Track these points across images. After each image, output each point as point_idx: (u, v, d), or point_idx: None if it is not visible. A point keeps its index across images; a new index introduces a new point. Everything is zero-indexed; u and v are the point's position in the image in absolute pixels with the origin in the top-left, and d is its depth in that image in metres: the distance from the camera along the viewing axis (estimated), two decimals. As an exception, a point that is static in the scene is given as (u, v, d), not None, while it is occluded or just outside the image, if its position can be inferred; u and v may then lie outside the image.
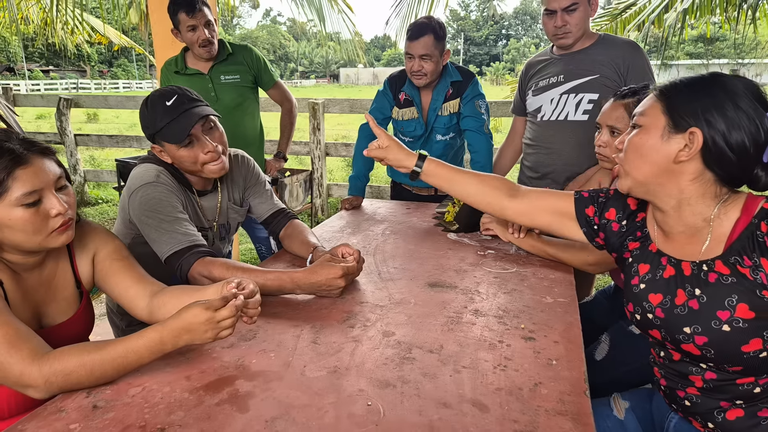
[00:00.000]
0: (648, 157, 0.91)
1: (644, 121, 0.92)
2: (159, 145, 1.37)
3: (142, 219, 1.30)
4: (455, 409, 0.82)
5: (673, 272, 0.94)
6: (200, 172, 1.39)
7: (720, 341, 0.86)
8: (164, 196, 1.32)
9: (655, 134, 0.90)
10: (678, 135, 0.87)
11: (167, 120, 1.32)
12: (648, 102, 0.93)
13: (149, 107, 1.34)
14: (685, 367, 0.95)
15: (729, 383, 0.91)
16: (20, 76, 35.15)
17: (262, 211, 1.63)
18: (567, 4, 1.87)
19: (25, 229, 0.93)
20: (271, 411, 0.81)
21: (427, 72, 2.02)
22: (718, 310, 0.86)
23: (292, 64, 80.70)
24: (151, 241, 1.30)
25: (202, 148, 1.35)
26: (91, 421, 0.79)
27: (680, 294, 0.91)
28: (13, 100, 5.57)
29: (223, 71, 2.42)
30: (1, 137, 0.92)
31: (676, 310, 0.91)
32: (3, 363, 0.84)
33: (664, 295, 0.94)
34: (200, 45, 2.30)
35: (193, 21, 2.25)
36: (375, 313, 1.17)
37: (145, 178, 1.34)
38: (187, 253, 1.27)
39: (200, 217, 1.48)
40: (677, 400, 0.99)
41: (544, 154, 2.07)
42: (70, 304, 1.10)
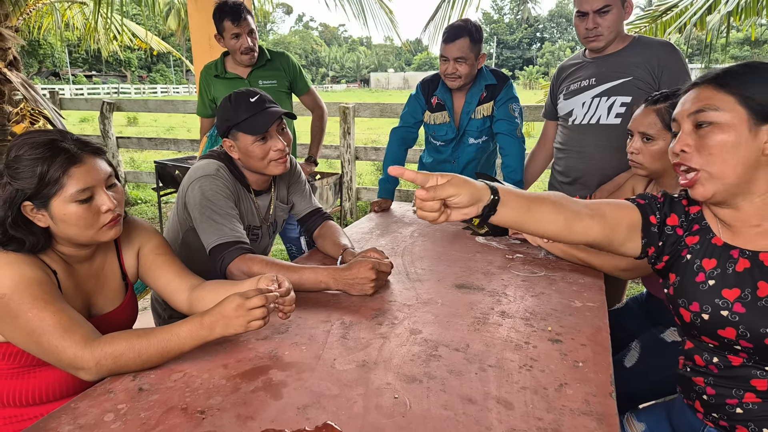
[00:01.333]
0: (738, 154, 0.85)
1: (716, 117, 0.86)
2: (232, 138, 1.44)
3: (197, 208, 1.39)
4: (480, 405, 0.84)
5: (748, 265, 0.88)
6: (264, 168, 1.46)
7: None
8: (220, 190, 1.40)
9: (739, 130, 0.84)
10: (764, 125, 0.83)
11: (250, 113, 1.40)
12: (709, 95, 0.87)
13: (233, 102, 1.42)
14: (747, 371, 0.90)
15: None
16: (65, 80, 36.80)
17: (301, 209, 1.71)
18: (599, 6, 1.85)
19: (78, 223, 1.00)
20: (303, 399, 0.85)
21: (462, 75, 2.03)
22: None
23: (324, 69, 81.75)
24: (201, 231, 1.38)
25: (273, 145, 1.43)
26: (137, 402, 0.85)
27: (762, 286, 0.85)
28: (60, 103, 5.86)
29: (262, 76, 2.53)
30: (57, 137, 0.99)
31: (761, 302, 0.85)
32: (57, 347, 0.90)
33: (742, 289, 0.87)
34: (242, 52, 2.41)
35: (237, 29, 2.36)
36: (403, 312, 1.20)
37: (206, 170, 1.42)
38: (231, 247, 1.34)
39: (255, 215, 1.56)
40: (725, 409, 0.94)
41: (575, 158, 2.05)
42: (117, 295, 1.17)
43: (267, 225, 1.63)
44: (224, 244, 1.34)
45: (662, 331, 1.42)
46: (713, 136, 0.87)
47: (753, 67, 0.86)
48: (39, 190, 0.96)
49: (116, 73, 42.92)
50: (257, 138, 1.41)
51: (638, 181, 1.66)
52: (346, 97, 33.01)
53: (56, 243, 1.04)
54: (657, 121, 1.41)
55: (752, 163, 0.85)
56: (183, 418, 0.80)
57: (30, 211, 0.97)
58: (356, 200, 4.84)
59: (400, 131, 2.28)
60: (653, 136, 1.42)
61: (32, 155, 0.95)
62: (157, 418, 0.80)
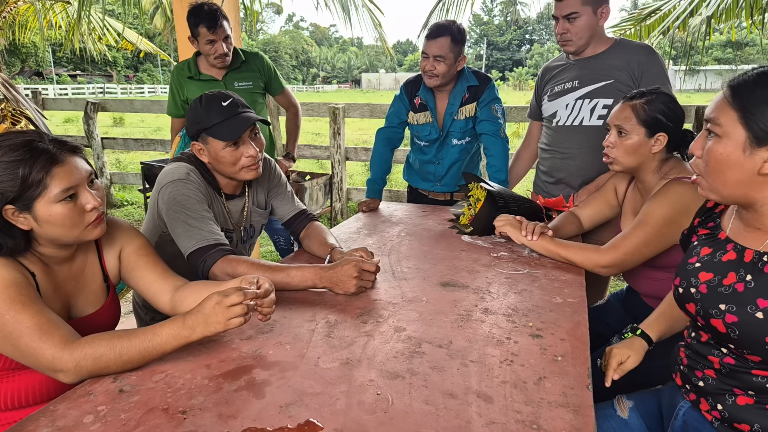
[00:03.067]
0: (733, 172, 0.88)
1: (720, 130, 0.88)
2: (202, 142, 1.41)
3: (169, 214, 1.36)
4: (461, 399, 0.85)
5: (734, 257, 0.95)
6: (235, 174, 1.43)
7: (748, 325, 0.88)
8: (193, 194, 1.37)
9: (735, 148, 0.86)
10: (761, 149, 0.84)
11: (222, 118, 1.36)
12: (720, 106, 0.88)
13: (203, 104, 1.38)
14: (707, 349, 0.98)
15: (744, 371, 0.92)
16: (48, 80, 36.27)
17: (284, 213, 1.68)
18: (567, 12, 1.88)
19: (64, 223, 0.99)
20: (285, 398, 0.86)
21: (439, 73, 2.04)
22: (759, 298, 0.87)
23: (314, 69, 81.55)
24: (176, 236, 1.35)
25: (245, 152, 1.40)
26: (117, 404, 0.84)
27: (731, 276, 0.93)
28: (42, 103, 5.78)
29: (237, 78, 2.53)
30: (34, 138, 0.98)
31: (721, 288, 0.93)
32: (36, 349, 0.90)
33: (715, 275, 0.95)
34: (216, 58, 2.40)
35: (212, 36, 2.34)
36: (387, 310, 1.21)
37: (175, 174, 1.39)
38: (212, 250, 1.32)
39: (227, 220, 1.53)
40: (692, 380, 1.02)
41: (559, 159, 2.08)
42: (98, 297, 1.17)
43: (240, 230, 1.59)
44: (204, 247, 1.32)
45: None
46: (715, 147, 0.89)
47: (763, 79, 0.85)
48: (22, 193, 0.95)
49: (102, 72, 42.41)
50: (228, 144, 1.37)
51: (620, 180, 1.68)
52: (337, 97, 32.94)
53: (36, 244, 1.03)
54: (632, 115, 1.44)
55: (747, 181, 0.87)
56: (164, 419, 0.80)
57: (11, 215, 0.96)
58: (347, 201, 4.84)
59: (386, 132, 2.29)
60: (627, 130, 1.45)
61: (11, 158, 0.94)
62: (137, 419, 0.80)
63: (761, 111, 0.83)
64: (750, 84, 0.86)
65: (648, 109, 1.42)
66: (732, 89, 0.87)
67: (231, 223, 1.55)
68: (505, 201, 1.80)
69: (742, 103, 0.85)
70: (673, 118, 1.42)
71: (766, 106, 0.83)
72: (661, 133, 1.42)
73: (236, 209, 1.57)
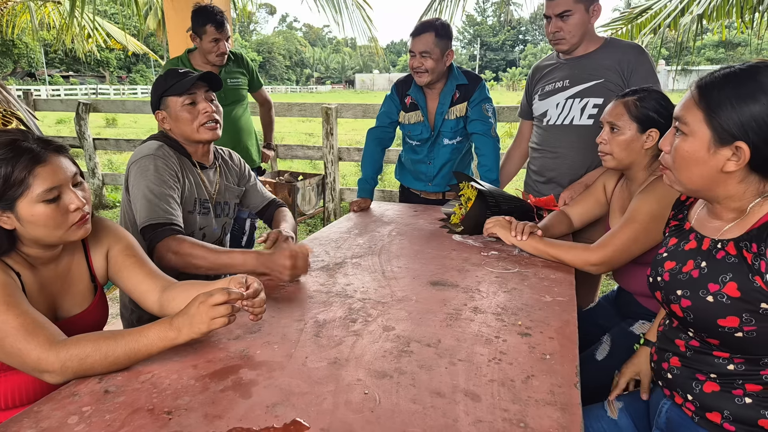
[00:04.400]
0: (697, 168, 0.92)
1: (687, 129, 0.91)
2: (164, 108, 1.53)
3: (135, 187, 1.42)
4: (448, 398, 0.85)
5: (694, 246, 0.99)
6: (194, 133, 1.52)
7: (700, 309, 0.93)
8: (160, 168, 1.44)
9: (700, 146, 0.90)
10: (724, 148, 0.88)
11: (180, 78, 1.50)
12: (687, 105, 0.92)
13: (163, 75, 1.54)
14: (676, 333, 1.03)
15: (706, 353, 0.96)
16: (41, 81, 35.99)
17: (257, 203, 1.83)
18: (560, 11, 1.89)
19: (47, 224, 0.98)
20: (272, 397, 0.85)
21: (427, 69, 2.05)
22: (710, 283, 0.92)
23: (308, 70, 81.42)
24: (135, 210, 1.41)
25: (202, 108, 1.51)
26: (102, 404, 0.84)
27: (690, 263, 0.98)
28: (34, 104, 5.73)
29: (229, 75, 2.77)
30: (18, 137, 0.97)
31: (680, 276, 0.98)
32: (21, 350, 0.89)
33: (677, 263, 1.01)
34: (218, 55, 2.62)
35: (218, 35, 2.57)
36: (377, 309, 1.20)
37: (144, 151, 1.47)
38: (162, 227, 1.37)
39: (203, 188, 1.61)
40: (662, 374, 1.05)
41: (549, 158, 2.08)
42: (85, 297, 1.15)
43: (216, 203, 1.67)
44: (155, 224, 1.37)
45: (631, 324, 1.45)
46: (682, 144, 0.93)
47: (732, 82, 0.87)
48: (4, 192, 0.94)
49: (94, 73, 42.15)
50: (185, 101, 1.49)
51: (609, 178, 1.69)
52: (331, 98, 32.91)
53: (20, 244, 1.02)
54: (624, 112, 1.46)
55: (710, 177, 0.91)
56: (149, 419, 0.80)
57: None
58: (340, 201, 4.84)
59: (377, 131, 2.29)
60: (620, 126, 1.47)
61: None
62: (122, 420, 0.80)
63: (724, 112, 0.86)
64: (715, 85, 0.89)
65: (640, 106, 1.44)
66: (699, 89, 0.91)
67: (208, 193, 1.62)
68: (495, 200, 1.81)
69: (707, 103, 0.88)
70: (665, 115, 1.43)
71: (728, 108, 0.86)
72: (653, 129, 1.44)
73: (210, 180, 1.65)
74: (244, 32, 59.60)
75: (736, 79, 0.87)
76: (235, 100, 2.82)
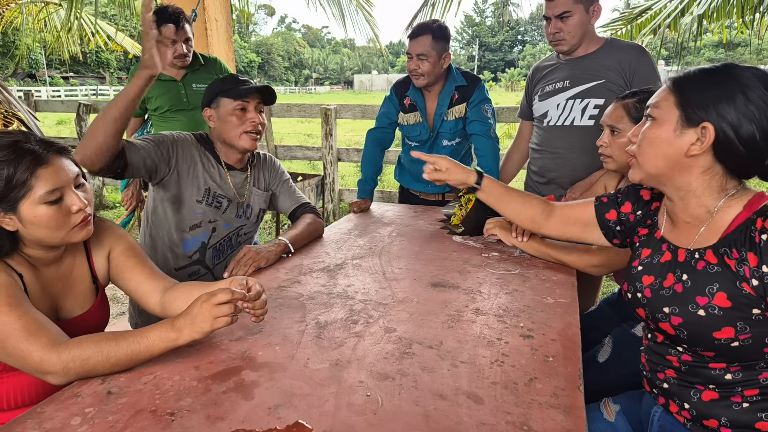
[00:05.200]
0: (660, 149, 0.92)
1: (657, 113, 0.93)
2: (214, 107, 1.61)
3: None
4: (451, 400, 0.85)
5: (669, 257, 0.98)
6: (236, 139, 1.59)
7: (693, 324, 0.90)
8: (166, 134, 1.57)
9: (668, 128, 0.91)
10: (690, 129, 0.88)
11: (237, 84, 1.58)
12: (661, 94, 0.94)
13: (223, 78, 1.62)
14: (665, 349, 1.01)
15: (702, 366, 0.94)
16: (41, 82, 35.97)
17: (287, 207, 1.83)
18: (560, 11, 1.89)
19: (49, 225, 0.98)
20: (274, 399, 0.85)
21: (424, 72, 2.06)
22: (698, 296, 0.90)
23: (307, 71, 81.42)
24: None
25: (250, 117, 1.59)
26: (105, 406, 0.83)
27: (669, 277, 0.96)
28: (35, 105, 5.73)
29: (195, 80, 2.68)
30: (20, 138, 0.97)
31: (662, 291, 0.96)
32: (23, 351, 0.89)
33: (655, 278, 0.99)
34: (175, 57, 2.55)
35: (175, 36, 2.50)
36: (378, 311, 1.20)
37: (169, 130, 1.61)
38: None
39: (225, 185, 1.66)
40: (657, 384, 1.03)
41: (550, 159, 2.08)
42: (87, 298, 1.15)
43: (237, 203, 1.70)
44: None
45: (633, 326, 1.45)
46: (647, 129, 0.95)
47: (704, 74, 0.90)
48: (6, 194, 0.94)
49: (95, 74, 42.13)
50: (237, 106, 1.56)
51: (610, 178, 1.69)
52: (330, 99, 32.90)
53: (23, 245, 1.02)
54: (624, 114, 1.46)
55: (674, 162, 0.91)
56: (151, 421, 0.80)
57: None
58: (339, 202, 4.83)
59: (376, 132, 2.30)
60: (620, 129, 1.47)
61: None
62: (125, 421, 0.79)
63: (696, 93, 0.88)
64: (690, 75, 0.91)
65: (640, 108, 1.43)
66: (674, 81, 0.93)
67: (225, 191, 1.67)
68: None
69: (679, 88, 0.91)
70: None
71: (699, 89, 0.88)
72: None
73: (237, 181, 1.70)
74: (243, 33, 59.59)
75: (712, 70, 0.89)
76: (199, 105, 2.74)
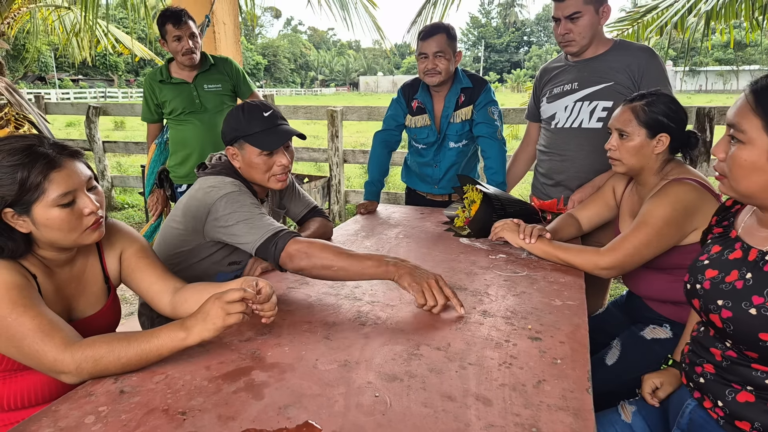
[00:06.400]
0: (756, 176, 0.88)
1: (744, 137, 0.87)
2: (238, 147, 1.48)
3: (230, 219, 1.38)
4: (459, 402, 0.85)
5: (740, 255, 0.96)
6: (265, 181, 1.51)
7: (741, 321, 0.90)
8: (251, 200, 1.42)
9: (760, 155, 0.86)
10: None
11: (263, 127, 1.45)
12: (743, 112, 0.88)
13: (245, 113, 1.46)
14: (711, 341, 1.00)
15: (744, 366, 0.94)
16: (51, 85, 36.33)
17: (297, 212, 1.81)
18: (570, 12, 1.88)
19: (62, 227, 1.00)
20: (284, 399, 0.86)
21: (442, 70, 2.06)
22: (755, 295, 0.89)
23: (313, 73, 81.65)
24: (240, 236, 1.37)
25: (278, 161, 1.48)
26: (118, 405, 0.85)
27: (734, 274, 0.95)
28: (45, 107, 5.79)
29: (206, 80, 2.70)
30: (34, 142, 0.99)
31: (722, 285, 0.95)
32: (38, 350, 0.90)
33: (719, 272, 0.98)
34: (183, 53, 2.56)
35: (178, 32, 2.52)
36: (386, 312, 1.21)
37: (228, 187, 1.43)
38: (275, 236, 1.32)
39: None
40: (693, 377, 1.04)
41: (557, 161, 2.08)
42: (99, 299, 1.17)
43: None
44: (268, 238, 1.32)
45: (641, 328, 1.44)
46: (739, 152, 0.89)
47: None
48: (20, 197, 0.95)
49: (103, 77, 42.51)
50: (263, 152, 1.45)
51: (618, 181, 1.69)
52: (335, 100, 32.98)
53: (36, 247, 1.04)
54: (632, 118, 1.45)
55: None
56: (164, 420, 0.81)
57: (11, 218, 0.97)
58: (345, 203, 4.85)
59: (383, 134, 2.30)
60: (628, 132, 1.46)
61: (10, 162, 0.94)
62: (137, 420, 0.81)
63: None
64: None
65: (648, 111, 1.42)
66: (755, 95, 0.87)
67: None
68: (501, 203, 1.81)
69: (765, 110, 0.85)
70: (674, 119, 1.42)
71: None
72: (663, 133, 1.42)
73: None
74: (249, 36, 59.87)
75: None
76: (216, 108, 2.72)
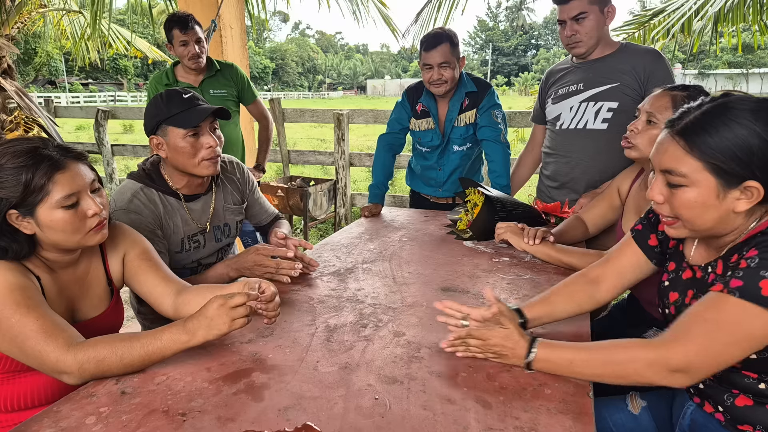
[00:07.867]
0: (708, 213, 0.87)
1: (686, 181, 0.87)
2: (161, 135, 1.40)
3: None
4: (459, 404, 0.85)
5: (690, 274, 0.98)
6: (194, 167, 1.42)
7: None
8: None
9: (709, 194, 0.86)
10: (734, 190, 0.85)
11: (182, 108, 1.38)
12: (676, 157, 0.87)
13: (164, 97, 1.40)
14: None
15: (735, 373, 0.94)
16: (61, 89, 36.77)
17: (260, 220, 1.80)
18: (575, 13, 1.88)
19: (65, 229, 1.01)
20: (284, 401, 0.86)
21: (447, 79, 2.06)
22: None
23: (320, 76, 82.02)
24: None
25: (205, 142, 1.41)
26: (119, 405, 0.85)
27: (690, 294, 0.97)
28: (54, 111, 5.87)
29: (212, 86, 2.72)
30: (38, 145, 1.00)
31: (683, 308, 0.95)
32: (41, 351, 0.91)
33: (679, 294, 0.99)
34: (190, 58, 2.59)
35: (185, 37, 2.55)
36: (387, 315, 1.21)
37: (120, 202, 1.39)
38: None
39: (189, 223, 1.52)
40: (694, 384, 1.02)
41: (563, 162, 2.07)
42: (102, 301, 1.18)
43: (210, 228, 1.58)
44: None
45: (644, 331, 1.43)
46: (685, 195, 0.88)
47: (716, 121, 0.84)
48: (24, 198, 0.96)
49: (113, 81, 42.94)
50: (188, 133, 1.37)
51: (623, 179, 1.65)
52: (343, 104, 33.09)
53: (40, 249, 1.05)
54: (669, 105, 1.34)
55: (723, 219, 0.88)
56: (164, 421, 0.81)
57: (15, 219, 0.98)
58: (351, 206, 4.86)
59: (387, 138, 2.31)
60: (659, 119, 1.35)
61: (15, 164, 0.96)
62: (138, 421, 0.81)
63: (725, 156, 0.83)
64: (700, 128, 0.85)
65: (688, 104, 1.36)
66: (684, 137, 0.86)
67: (195, 224, 1.54)
68: (503, 206, 1.80)
69: (701, 152, 0.84)
70: None
71: (728, 151, 0.82)
72: None
73: (199, 208, 1.55)
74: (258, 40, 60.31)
75: (719, 117, 0.84)
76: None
